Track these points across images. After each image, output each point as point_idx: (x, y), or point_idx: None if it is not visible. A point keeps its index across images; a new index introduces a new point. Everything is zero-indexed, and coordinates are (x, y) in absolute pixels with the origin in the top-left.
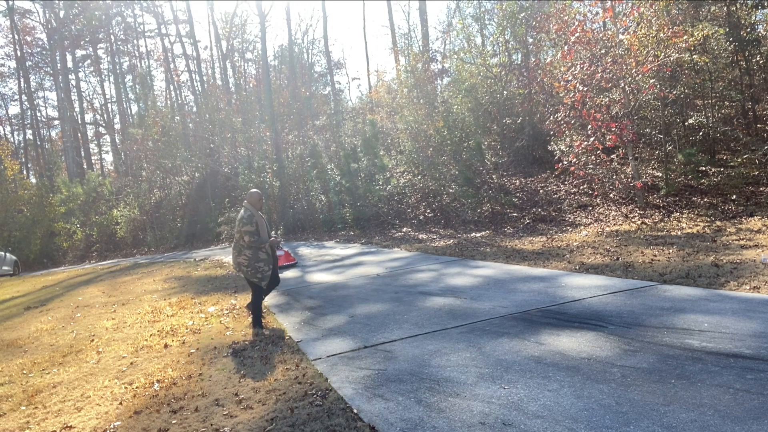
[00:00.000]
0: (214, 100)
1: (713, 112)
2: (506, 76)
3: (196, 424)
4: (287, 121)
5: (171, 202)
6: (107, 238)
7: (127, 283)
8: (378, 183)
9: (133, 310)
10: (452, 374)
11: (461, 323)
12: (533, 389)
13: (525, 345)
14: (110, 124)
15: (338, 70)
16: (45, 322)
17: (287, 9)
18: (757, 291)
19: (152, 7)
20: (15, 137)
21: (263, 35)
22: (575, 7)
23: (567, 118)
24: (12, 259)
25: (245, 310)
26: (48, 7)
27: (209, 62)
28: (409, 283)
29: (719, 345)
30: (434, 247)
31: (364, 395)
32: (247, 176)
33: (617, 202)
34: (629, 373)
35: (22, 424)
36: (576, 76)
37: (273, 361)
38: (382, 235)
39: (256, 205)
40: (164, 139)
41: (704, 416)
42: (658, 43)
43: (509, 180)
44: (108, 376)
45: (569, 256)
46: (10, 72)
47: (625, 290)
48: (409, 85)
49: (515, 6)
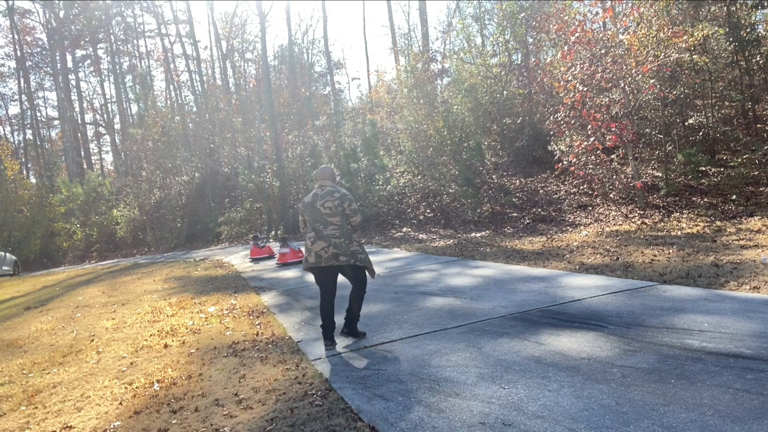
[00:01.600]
0: (214, 100)
1: (713, 112)
2: (506, 76)
3: (196, 424)
4: (287, 121)
5: (171, 202)
6: (107, 238)
7: (127, 283)
8: (378, 183)
9: (133, 310)
10: (452, 374)
11: (461, 323)
12: (533, 389)
13: (525, 345)
14: (110, 124)
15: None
16: (45, 322)
17: (287, 9)
18: (757, 291)
19: (152, 7)
20: (15, 137)
21: (263, 35)
22: (575, 7)
23: (567, 118)
24: (12, 259)
25: (343, 331)
26: (48, 7)
27: (209, 62)
28: (409, 283)
29: (719, 345)
30: (434, 247)
31: (364, 395)
32: (247, 176)
33: (617, 202)
34: (629, 373)
35: (22, 424)
36: (576, 76)
37: (273, 361)
38: (382, 235)
39: (334, 182)
40: (164, 139)
41: (704, 416)
42: (658, 43)
43: (509, 180)
44: (108, 376)
45: (569, 256)
46: (10, 72)
47: (625, 290)
48: (409, 85)
49: (515, 6)
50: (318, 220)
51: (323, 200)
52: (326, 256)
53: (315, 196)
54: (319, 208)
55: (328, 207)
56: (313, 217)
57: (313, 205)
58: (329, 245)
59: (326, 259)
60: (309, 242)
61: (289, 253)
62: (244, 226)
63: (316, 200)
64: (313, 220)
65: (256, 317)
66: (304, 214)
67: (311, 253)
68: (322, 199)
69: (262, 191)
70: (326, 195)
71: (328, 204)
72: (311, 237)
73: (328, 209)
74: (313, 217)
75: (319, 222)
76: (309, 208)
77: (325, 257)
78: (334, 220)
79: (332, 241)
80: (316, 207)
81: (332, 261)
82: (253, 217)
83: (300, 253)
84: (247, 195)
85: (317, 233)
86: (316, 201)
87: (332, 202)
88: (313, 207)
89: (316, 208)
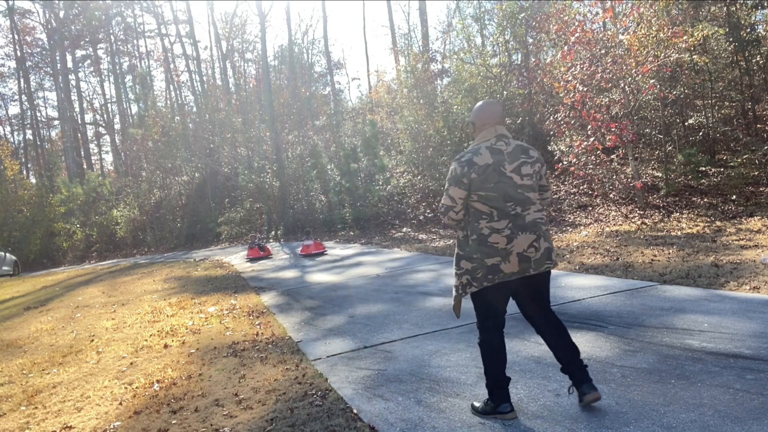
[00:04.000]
0: (214, 100)
1: (713, 113)
2: (506, 76)
3: (196, 424)
4: (287, 121)
5: (171, 202)
6: (107, 238)
7: (126, 284)
8: (378, 183)
9: (133, 311)
10: (452, 374)
11: (461, 323)
12: (533, 389)
13: (525, 345)
14: (110, 124)
15: (338, 70)
16: (45, 323)
17: (287, 9)
18: (757, 291)
19: (152, 7)
20: (15, 137)
21: (263, 35)
22: (575, 8)
23: (567, 118)
24: (12, 259)
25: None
26: (48, 7)
27: (209, 62)
28: (409, 283)
29: (719, 345)
30: (434, 248)
31: (363, 395)
32: (247, 176)
33: (617, 202)
34: (629, 373)
35: (22, 424)
36: (576, 77)
37: (273, 361)
38: (381, 236)
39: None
40: (164, 139)
41: (704, 416)
42: (658, 43)
43: None
44: (108, 376)
45: (569, 257)
46: (10, 72)
47: (625, 290)
48: (409, 85)
49: (515, 6)
50: (512, 198)
51: (517, 162)
52: (537, 257)
53: (497, 153)
54: (511, 176)
55: (527, 175)
56: (502, 191)
57: (499, 171)
58: (539, 237)
59: (537, 262)
60: (499, 238)
61: (312, 245)
62: (244, 226)
63: (502, 161)
64: (504, 197)
65: (256, 317)
66: (474, 186)
67: (509, 256)
68: (515, 161)
69: (262, 191)
70: (518, 153)
71: (527, 169)
72: (500, 228)
73: (528, 178)
74: (503, 192)
75: (515, 201)
76: (491, 176)
77: (535, 259)
78: (533, 196)
79: (542, 232)
80: (505, 174)
81: (545, 264)
82: (253, 217)
83: (322, 245)
84: (247, 195)
85: (514, 220)
86: (503, 163)
87: (531, 167)
88: (500, 173)
89: (507, 175)
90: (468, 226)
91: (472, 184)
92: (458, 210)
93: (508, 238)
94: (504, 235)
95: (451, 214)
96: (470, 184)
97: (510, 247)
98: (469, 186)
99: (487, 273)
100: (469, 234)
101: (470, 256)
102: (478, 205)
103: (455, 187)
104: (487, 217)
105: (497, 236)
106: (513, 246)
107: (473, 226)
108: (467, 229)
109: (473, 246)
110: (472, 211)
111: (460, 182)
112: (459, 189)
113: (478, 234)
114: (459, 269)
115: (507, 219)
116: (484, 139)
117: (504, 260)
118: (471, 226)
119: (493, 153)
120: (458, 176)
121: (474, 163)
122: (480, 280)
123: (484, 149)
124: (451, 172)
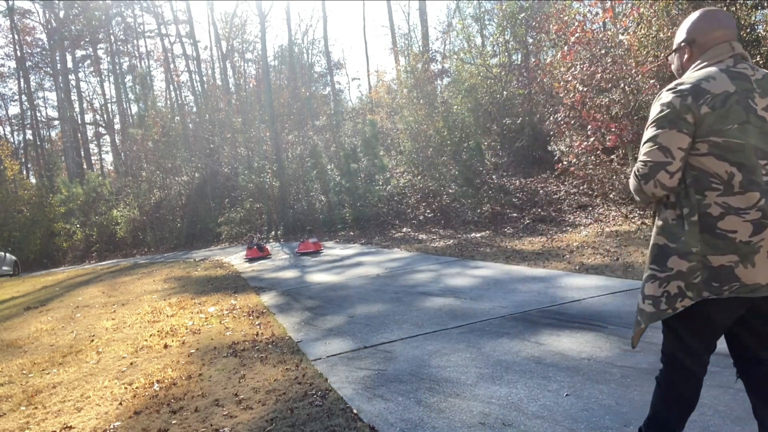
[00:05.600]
0: (214, 100)
1: None
2: (506, 76)
3: (196, 424)
4: (287, 121)
5: (171, 202)
6: (107, 239)
7: (126, 284)
8: (378, 183)
9: (132, 311)
10: (452, 374)
11: (461, 323)
12: (533, 389)
13: (525, 345)
14: (110, 125)
15: (338, 70)
16: (45, 323)
17: (287, 9)
18: None
19: (152, 8)
20: (15, 137)
21: (263, 35)
22: (575, 8)
23: (567, 118)
24: (12, 260)
25: None
26: (48, 7)
27: (209, 62)
28: (409, 283)
29: (719, 345)
30: (434, 248)
31: (363, 395)
32: (247, 176)
33: (617, 202)
34: (629, 373)
35: (22, 425)
36: (576, 77)
37: (273, 361)
38: (381, 236)
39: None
40: (164, 139)
41: (704, 416)
42: (658, 43)
43: (509, 180)
44: (108, 376)
45: (569, 257)
46: (10, 72)
47: (625, 290)
48: (408, 85)
49: (515, 6)
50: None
51: None
52: None
53: (741, 78)
54: (765, 116)
55: None
56: (752, 140)
57: (747, 105)
58: None
59: None
60: (739, 223)
61: (311, 243)
62: (244, 227)
63: (751, 91)
64: (754, 150)
65: (256, 317)
66: (705, 128)
67: (753, 255)
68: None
69: (262, 191)
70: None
71: None
72: (743, 206)
73: None
74: (752, 142)
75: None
76: (734, 113)
77: None
78: None
79: None
80: (756, 112)
81: None
82: (253, 217)
83: (320, 245)
84: (247, 195)
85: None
86: (751, 94)
87: None
88: (747, 110)
89: (758, 114)
90: (683, 199)
91: (702, 123)
92: (675, 169)
93: (756, 226)
94: (748, 219)
95: (662, 177)
96: (698, 125)
97: (757, 241)
98: (695, 128)
99: (711, 279)
100: (686, 213)
101: (686, 250)
102: (707, 161)
103: (671, 130)
104: (722, 185)
105: (735, 220)
106: (763, 239)
107: (693, 200)
108: (681, 204)
109: (691, 232)
110: (693, 174)
111: (681, 121)
112: (678, 133)
113: (701, 213)
114: (663, 270)
115: (756, 190)
116: (716, 58)
117: (744, 261)
118: (689, 200)
119: (733, 78)
120: (677, 112)
121: (705, 90)
122: (698, 289)
123: (718, 72)
124: (661, 109)
